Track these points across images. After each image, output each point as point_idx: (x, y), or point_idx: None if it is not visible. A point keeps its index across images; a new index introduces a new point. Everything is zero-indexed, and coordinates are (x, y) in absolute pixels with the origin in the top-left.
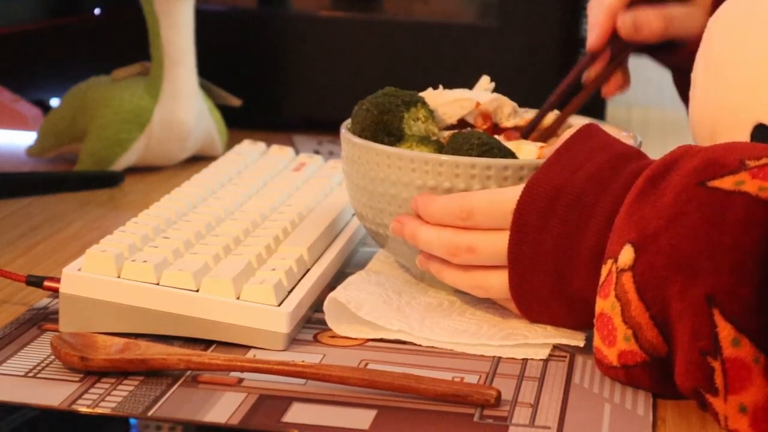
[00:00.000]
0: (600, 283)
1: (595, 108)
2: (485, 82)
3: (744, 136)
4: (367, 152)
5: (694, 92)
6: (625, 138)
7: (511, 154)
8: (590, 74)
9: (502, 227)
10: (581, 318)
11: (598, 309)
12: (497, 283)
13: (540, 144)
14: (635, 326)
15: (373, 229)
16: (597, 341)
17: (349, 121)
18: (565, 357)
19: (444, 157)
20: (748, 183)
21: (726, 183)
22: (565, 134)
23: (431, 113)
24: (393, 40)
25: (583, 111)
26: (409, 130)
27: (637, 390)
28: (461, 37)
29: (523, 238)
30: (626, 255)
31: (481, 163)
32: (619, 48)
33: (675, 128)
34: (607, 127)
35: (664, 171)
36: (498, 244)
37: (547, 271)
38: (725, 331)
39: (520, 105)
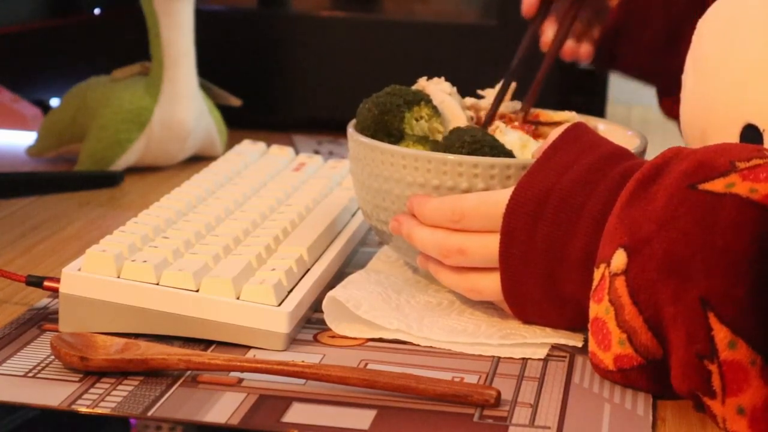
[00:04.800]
0: (593, 287)
1: (595, 107)
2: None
3: (733, 136)
4: (365, 149)
5: (684, 94)
6: (630, 137)
7: (503, 153)
8: (546, 40)
9: (493, 230)
10: (574, 319)
11: (592, 314)
12: (490, 286)
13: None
14: (629, 330)
15: (376, 225)
16: (592, 346)
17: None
18: (565, 357)
19: (433, 155)
20: (738, 185)
21: (717, 185)
22: (553, 134)
23: (435, 111)
24: (393, 40)
25: (584, 110)
26: (411, 129)
27: (636, 390)
28: (461, 37)
29: (513, 241)
30: (619, 259)
31: (468, 161)
32: (564, 11)
33: (675, 128)
34: (610, 126)
35: (654, 174)
36: (489, 246)
37: (537, 274)
38: (721, 333)
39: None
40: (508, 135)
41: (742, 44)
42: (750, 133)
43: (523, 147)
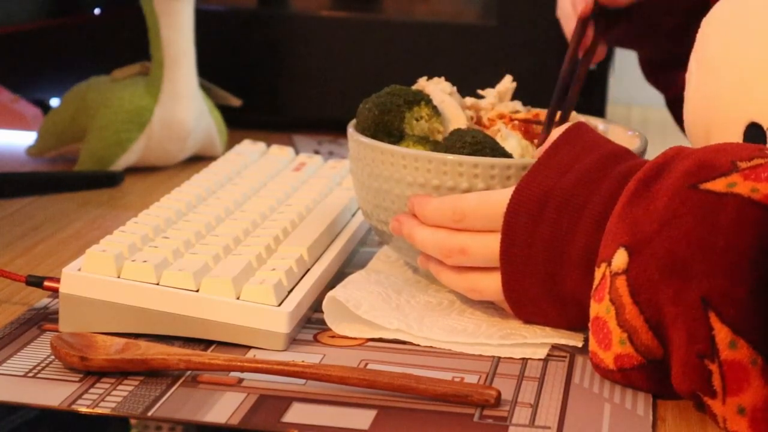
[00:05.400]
0: (594, 286)
1: (595, 107)
2: (507, 81)
3: (737, 135)
4: (365, 149)
5: (688, 93)
6: (631, 137)
7: (504, 154)
8: (582, 46)
9: (494, 229)
10: (574, 319)
11: (592, 313)
12: (490, 285)
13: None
14: (630, 330)
15: (376, 225)
16: (593, 345)
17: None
18: (565, 357)
19: (433, 155)
20: (740, 185)
21: (718, 185)
22: (554, 134)
23: (435, 111)
24: (393, 40)
25: (584, 110)
26: (411, 129)
27: (637, 390)
28: (461, 37)
29: (514, 240)
30: (620, 258)
31: (469, 162)
32: (597, 18)
33: (675, 128)
34: (610, 126)
35: (656, 173)
36: (490, 246)
37: (538, 274)
38: (722, 333)
39: (522, 104)
40: (509, 139)
41: (746, 43)
42: (754, 131)
43: (523, 155)
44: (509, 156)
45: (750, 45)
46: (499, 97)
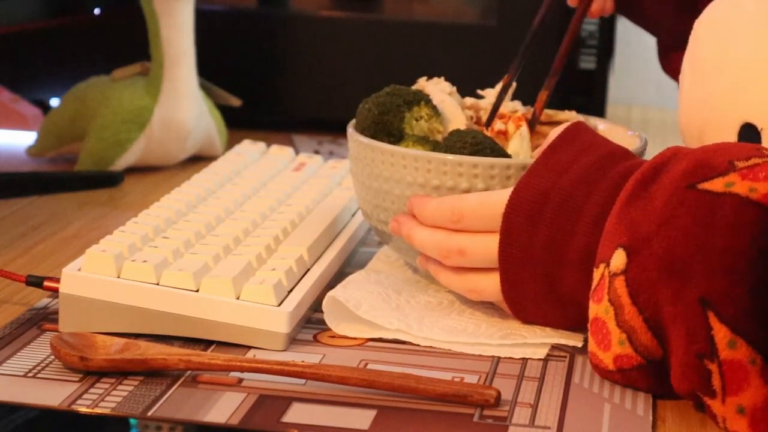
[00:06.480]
0: (593, 287)
1: (595, 107)
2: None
3: (731, 135)
4: (365, 149)
5: (681, 94)
6: (631, 137)
7: (504, 155)
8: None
9: (493, 230)
10: (573, 319)
11: (591, 314)
12: (489, 286)
13: None
14: (629, 330)
15: (376, 226)
16: (592, 346)
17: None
18: (565, 357)
19: (433, 155)
20: (738, 184)
21: (716, 185)
22: (552, 134)
23: (435, 111)
24: (393, 40)
25: (584, 110)
26: (411, 129)
27: (636, 390)
28: (461, 37)
29: (512, 241)
30: (618, 259)
31: (468, 162)
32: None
33: (675, 128)
34: (610, 126)
35: (653, 174)
36: (488, 246)
37: (537, 274)
38: (721, 333)
39: (522, 104)
40: (513, 142)
41: (739, 44)
42: (748, 132)
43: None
44: (509, 156)
45: (743, 46)
46: None
